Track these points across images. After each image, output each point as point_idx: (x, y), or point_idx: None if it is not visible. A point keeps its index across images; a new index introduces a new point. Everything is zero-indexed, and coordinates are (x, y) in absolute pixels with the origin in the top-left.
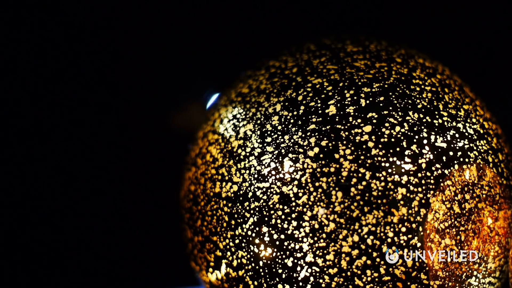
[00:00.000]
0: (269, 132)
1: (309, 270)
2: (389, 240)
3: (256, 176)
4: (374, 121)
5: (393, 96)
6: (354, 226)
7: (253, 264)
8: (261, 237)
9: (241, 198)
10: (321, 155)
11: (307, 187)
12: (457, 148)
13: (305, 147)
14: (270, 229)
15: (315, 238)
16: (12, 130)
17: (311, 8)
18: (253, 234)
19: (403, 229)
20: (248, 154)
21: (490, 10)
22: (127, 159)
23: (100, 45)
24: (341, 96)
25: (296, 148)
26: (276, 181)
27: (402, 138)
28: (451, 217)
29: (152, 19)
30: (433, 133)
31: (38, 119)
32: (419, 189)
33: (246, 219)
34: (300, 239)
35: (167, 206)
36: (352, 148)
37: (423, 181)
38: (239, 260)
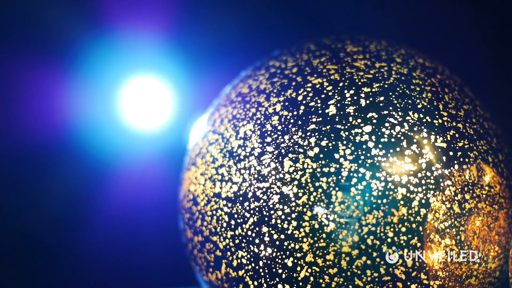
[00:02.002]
0: (269, 132)
1: (309, 270)
2: (389, 240)
3: (256, 176)
4: (374, 121)
5: (393, 96)
6: (354, 226)
7: (253, 264)
8: (261, 237)
9: (241, 198)
10: (321, 155)
11: (307, 187)
12: (457, 148)
13: (305, 147)
14: (270, 229)
15: (315, 238)
16: None
17: (311, 8)
18: (253, 234)
19: (403, 229)
20: (248, 154)
21: (490, 10)
22: (127, 159)
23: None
24: (341, 96)
25: (296, 148)
26: (276, 181)
27: (402, 138)
28: (451, 217)
29: (153, 17)
30: (433, 133)
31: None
32: (419, 189)
33: (246, 219)
34: (300, 239)
35: (167, 206)
36: (352, 148)
37: (423, 181)
38: (239, 260)
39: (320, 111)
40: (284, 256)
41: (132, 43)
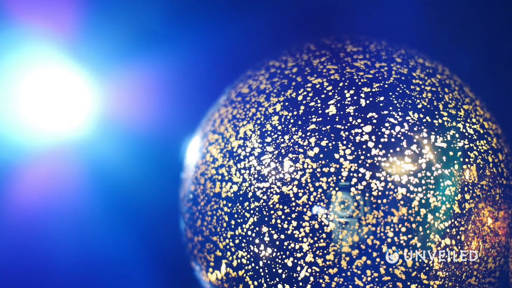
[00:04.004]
0: (269, 132)
1: (309, 270)
2: (389, 240)
3: (256, 176)
4: (374, 121)
5: (393, 96)
6: (354, 226)
7: (253, 264)
8: (261, 237)
9: (241, 198)
10: (321, 155)
11: (307, 187)
12: (457, 148)
13: (305, 147)
14: (270, 229)
15: (315, 238)
16: None
17: (311, 8)
18: (253, 234)
19: (403, 229)
20: (248, 154)
21: (490, 10)
22: (127, 159)
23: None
24: (341, 96)
25: (296, 148)
26: (276, 181)
27: (402, 138)
28: (451, 217)
29: (152, 20)
30: (433, 133)
31: None
32: (419, 189)
33: (246, 219)
34: (300, 239)
35: (167, 206)
36: (352, 148)
37: (423, 181)
38: (239, 260)
39: (320, 111)
40: (284, 256)
41: (46, 35)
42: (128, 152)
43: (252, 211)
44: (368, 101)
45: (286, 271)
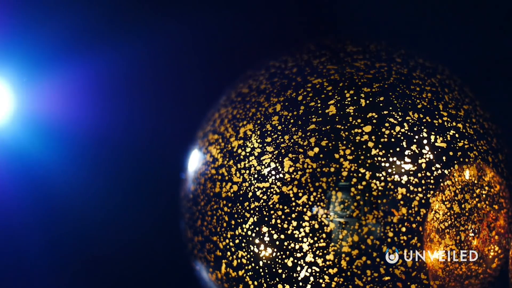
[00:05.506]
0: (269, 132)
1: (309, 270)
2: (389, 240)
3: (256, 176)
4: (374, 121)
5: (393, 96)
6: (354, 226)
7: (253, 264)
8: (261, 237)
9: (241, 198)
10: (321, 155)
11: (307, 187)
12: (457, 148)
13: (305, 147)
14: (270, 229)
15: (315, 238)
16: None
17: (311, 8)
18: (253, 234)
19: (403, 229)
20: (248, 154)
21: (490, 10)
22: (127, 159)
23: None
24: (341, 96)
25: (296, 148)
26: (276, 181)
27: (402, 138)
28: (451, 217)
29: (153, 19)
30: (433, 133)
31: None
32: (419, 189)
33: (246, 219)
34: (300, 239)
35: (167, 206)
36: (352, 148)
37: (423, 181)
38: (239, 260)
39: (320, 111)
40: (284, 256)
41: None
42: (116, 154)
43: (252, 211)
44: (368, 101)
45: (286, 271)
